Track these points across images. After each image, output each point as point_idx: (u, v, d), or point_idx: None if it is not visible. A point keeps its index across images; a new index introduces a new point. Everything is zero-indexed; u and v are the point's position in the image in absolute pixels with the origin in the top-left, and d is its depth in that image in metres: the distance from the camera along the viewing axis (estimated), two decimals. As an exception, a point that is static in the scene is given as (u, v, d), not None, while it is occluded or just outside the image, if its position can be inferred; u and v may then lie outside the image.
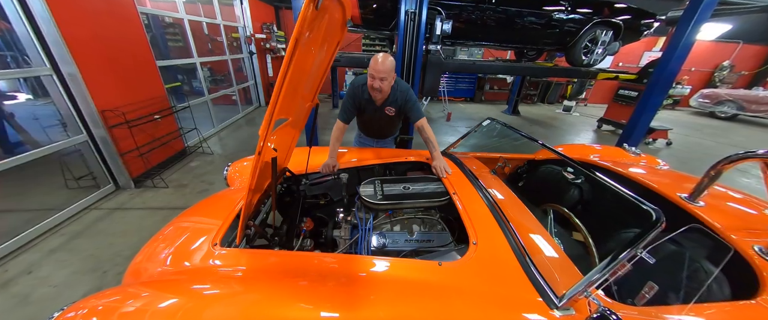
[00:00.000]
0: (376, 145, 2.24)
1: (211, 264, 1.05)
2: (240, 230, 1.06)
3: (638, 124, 3.87)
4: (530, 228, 1.20)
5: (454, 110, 7.29)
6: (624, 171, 1.81)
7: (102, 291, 1.01)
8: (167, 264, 1.12)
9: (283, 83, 0.70)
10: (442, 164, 1.60)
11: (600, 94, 9.05)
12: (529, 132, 6.23)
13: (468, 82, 8.70)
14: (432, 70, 2.76)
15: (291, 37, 0.63)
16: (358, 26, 3.97)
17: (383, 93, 1.69)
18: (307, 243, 1.53)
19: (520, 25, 3.79)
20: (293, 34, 0.63)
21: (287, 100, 1.27)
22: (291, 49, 0.64)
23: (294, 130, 1.53)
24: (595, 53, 4.09)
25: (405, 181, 1.54)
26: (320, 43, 1.22)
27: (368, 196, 1.40)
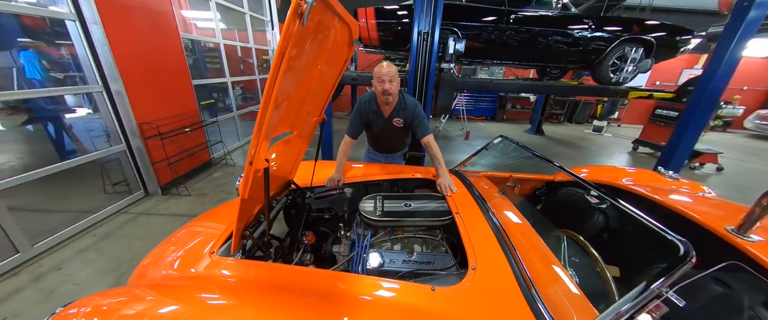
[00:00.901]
0: (384, 161, 2.23)
1: (208, 272, 1.07)
2: (234, 240, 1.07)
3: (679, 147, 3.52)
4: (540, 256, 1.09)
5: (473, 129, 7.15)
6: (661, 199, 1.63)
7: (107, 290, 1.05)
8: (169, 269, 1.15)
9: (270, 98, 0.72)
10: (448, 182, 1.54)
11: (635, 114, 8.45)
12: (554, 152, 5.95)
13: (489, 101, 8.57)
14: (445, 88, 2.75)
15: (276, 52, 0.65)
16: (376, 47, 4.13)
17: (393, 95, 1.70)
18: (306, 257, 1.51)
19: (542, 44, 3.72)
20: (277, 50, 0.65)
21: (291, 114, 1.33)
22: (275, 64, 0.66)
23: (300, 143, 1.57)
24: (625, 71, 3.87)
25: (407, 198, 1.50)
26: (325, 60, 1.27)
27: (367, 212, 1.37)
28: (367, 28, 3.66)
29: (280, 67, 0.67)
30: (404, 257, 1.25)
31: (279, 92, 0.89)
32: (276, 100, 0.75)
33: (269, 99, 0.72)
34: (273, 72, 0.67)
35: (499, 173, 2.04)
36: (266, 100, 0.72)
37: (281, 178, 1.56)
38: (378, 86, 1.68)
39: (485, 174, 1.97)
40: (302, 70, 1.09)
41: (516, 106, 8.74)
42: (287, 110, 1.24)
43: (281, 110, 1.15)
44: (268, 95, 0.71)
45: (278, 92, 0.77)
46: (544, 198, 2.12)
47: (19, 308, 1.73)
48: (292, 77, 0.95)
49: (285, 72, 0.83)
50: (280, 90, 0.94)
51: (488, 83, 3.96)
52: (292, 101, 1.23)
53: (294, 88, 1.12)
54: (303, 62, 0.98)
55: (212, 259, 1.11)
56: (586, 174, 2.06)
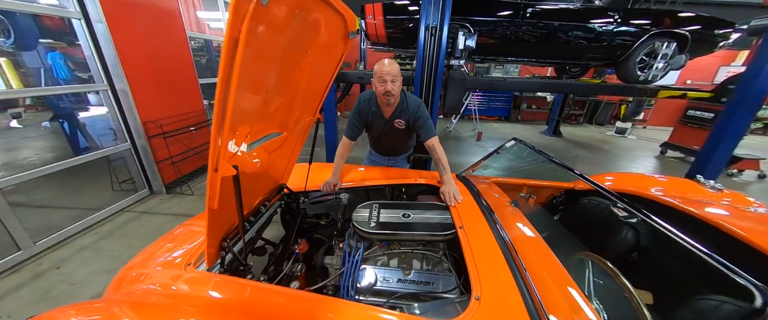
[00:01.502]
0: (387, 164, 2.10)
1: (186, 288, 0.97)
2: (207, 254, 0.97)
3: (716, 152, 3.17)
4: (558, 282, 0.92)
5: (486, 130, 6.88)
6: (698, 212, 1.41)
7: (81, 304, 0.97)
8: (149, 281, 1.06)
9: (227, 92, 0.60)
10: (453, 190, 1.38)
11: (663, 115, 7.89)
12: (572, 156, 5.64)
13: (503, 101, 8.25)
14: (454, 86, 2.58)
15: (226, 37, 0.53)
16: (384, 45, 3.99)
17: (395, 96, 1.57)
18: (297, 267, 1.40)
19: (561, 39, 3.46)
20: (226, 33, 0.53)
21: (278, 113, 1.21)
22: (227, 51, 0.54)
23: (293, 145, 1.46)
24: (655, 68, 3.54)
25: (406, 207, 1.35)
26: (316, 54, 1.15)
27: (360, 222, 1.24)
28: (374, 25, 3.54)
29: (234, 54, 0.55)
30: (400, 275, 1.11)
31: (251, 86, 0.78)
32: (237, 93, 0.62)
33: (226, 93, 0.60)
34: (225, 61, 0.55)
35: (511, 179, 1.85)
36: (222, 93, 0.60)
37: (272, 182, 1.46)
38: (379, 86, 1.54)
39: (496, 181, 1.79)
40: (284, 64, 0.97)
41: (532, 106, 8.37)
42: (274, 109, 1.13)
43: (266, 109, 1.04)
44: (224, 88, 0.59)
45: (244, 86, 0.65)
46: (563, 208, 1.92)
47: (15, 307, 1.71)
48: (270, 70, 0.83)
49: (255, 62, 0.71)
50: (255, 84, 0.82)
51: (502, 82, 3.73)
52: (278, 99, 1.11)
53: (278, 84, 1.01)
54: (281, 54, 0.86)
55: (188, 273, 1.02)
56: (611, 182, 1.84)
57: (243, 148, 1.00)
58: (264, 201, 1.42)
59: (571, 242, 1.71)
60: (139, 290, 1.01)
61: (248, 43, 0.57)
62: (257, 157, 1.14)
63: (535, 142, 6.09)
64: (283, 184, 1.56)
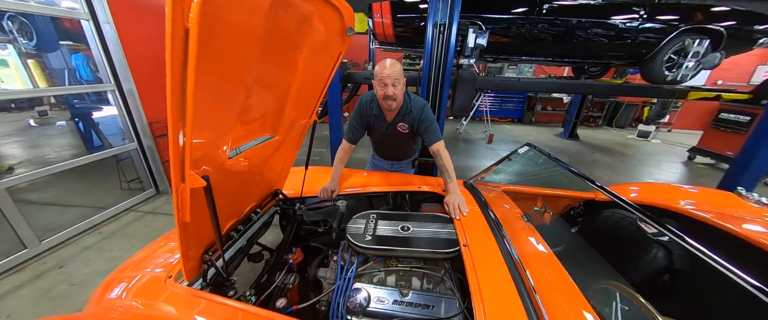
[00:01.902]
0: (390, 169, 1.99)
1: (155, 307, 0.89)
2: (185, 268, 0.89)
3: (755, 158, 2.89)
4: (573, 307, 0.79)
5: (498, 132, 6.65)
6: (739, 231, 1.23)
7: (61, 317, 0.92)
8: (131, 296, 1.00)
9: (183, 91, 0.51)
10: (458, 200, 1.26)
11: (691, 118, 7.41)
12: (590, 160, 5.35)
13: (516, 102, 7.97)
14: (464, 86, 2.45)
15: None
16: (392, 44, 3.89)
17: (397, 101, 1.46)
18: (290, 279, 1.31)
19: (580, 37, 3.25)
20: (168, 20, 0.44)
21: (268, 115, 1.13)
22: (175, 44, 0.45)
23: (287, 149, 1.38)
24: (684, 67, 3.27)
25: (407, 218, 1.24)
26: (310, 52, 1.06)
27: (354, 235, 1.14)
28: (382, 24, 3.44)
29: (186, 46, 0.46)
30: (397, 296, 1.00)
31: (223, 87, 0.70)
32: (198, 94, 0.54)
33: (182, 95, 0.51)
34: (175, 56, 0.46)
35: (524, 188, 1.71)
36: (176, 96, 0.51)
37: (265, 188, 1.38)
38: (379, 90, 1.44)
39: (507, 189, 1.65)
40: (270, 62, 0.88)
41: (547, 108, 8.05)
42: (261, 111, 1.05)
43: (250, 111, 0.96)
44: (177, 89, 0.50)
45: (211, 87, 0.57)
46: (582, 220, 1.75)
47: (15, 307, 1.72)
48: (246, 69, 0.74)
49: (223, 60, 0.63)
50: (229, 85, 0.74)
51: (515, 82, 3.55)
52: (266, 100, 1.03)
53: (263, 84, 0.92)
54: (263, 50, 0.77)
55: (167, 288, 0.95)
56: (637, 194, 1.66)
57: (230, 154, 0.93)
58: (256, 208, 1.34)
59: (591, 257, 1.55)
60: (115, 305, 0.95)
61: (207, 36, 0.48)
62: (246, 161, 1.06)
63: (550, 145, 5.83)
64: (278, 190, 1.48)
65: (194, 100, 0.55)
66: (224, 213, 1.10)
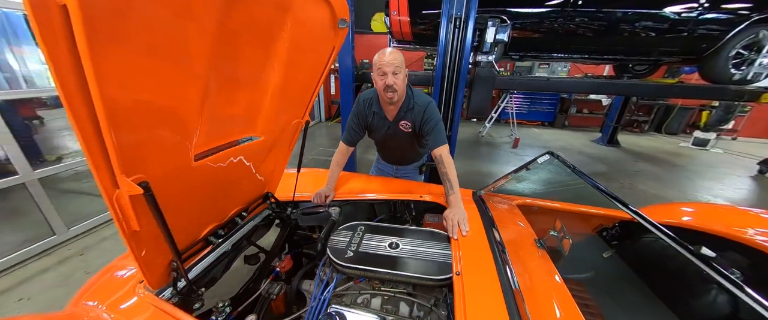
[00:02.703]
0: (395, 174, 1.85)
1: (118, 313, 0.85)
2: (147, 278, 0.83)
3: None
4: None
5: (525, 136, 6.20)
6: None
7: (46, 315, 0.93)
8: (97, 295, 0.97)
9: (83, 89, 0.42)
10: (459, 216, 1.08)
11: (761, 125, 6.35)
12: (633, 170, 4.79)
13: (547, 104, 7.38)
14: (480, 86, 2.23)
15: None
16: (410, 43, 3.75)
17: (399, 93, 1.32)
18: (275, 288, 1.23)
19: (625, 32, 2.85)
20: None
21: (250, 115, 1.05)
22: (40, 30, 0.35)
23: (277, 150, 1.30)
24: (758, 65, 2.75)
25: (398, 233, 1.10)
26: (296, 46, 0.97)
27: (335, 249, 1.01)
28: (399, 22, 3.31)
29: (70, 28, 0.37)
30: (378, 324, 0.87)
31: (167, 81, 0.61)
32: (105, 90, 0.45)
33: (77, 89, 0.43)
34: (49, 37, 0.37)
35: (543, 202, 1.48)
36: (69, 91, 0.42)
37: (253, 190, 1.31)
38: (379, 81, 1.31)
39: (522, 203, 1.44)
40: (239, 57, 0.79)
41: (582, 111, 7.37)
42: (238, 110, 0.97)
43: (220, 108, 0.88)
44: (69, 82, 0.41)
45: (138, 80, 0.48)
46: (617, 243, 1.48)
47: (36, 291, 1.83)
48: (198, 63, 0.65)
49: (155, 50, 0.54)
50: (179, 79, 0.65)
51: (543, 82, 3.22)
52: (240, 97, 0.94)
53: (231, 80, 0.84)
54: (224, 43, 0.68)
55: (134, 295, 0.90)
56: (691, 218, 1.36)
57: (198, 155, 0.86)
58: (241, 211, 1.28)
59: (627, 287, 1.30)
60: (87, 308, 0.92)
61: (106, 16, 0.39)
62: (223, 163, 0.99)
63: (585, 151, 5.30)
64: (269, 193, 1.41)
65: (106, 97, 0.46)
66: (200, 217, 1.04)
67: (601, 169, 4.40)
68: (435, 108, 1.39)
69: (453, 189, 1.21)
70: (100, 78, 0.45)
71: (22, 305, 1.73)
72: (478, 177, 3.90)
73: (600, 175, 4.10)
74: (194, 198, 0.93)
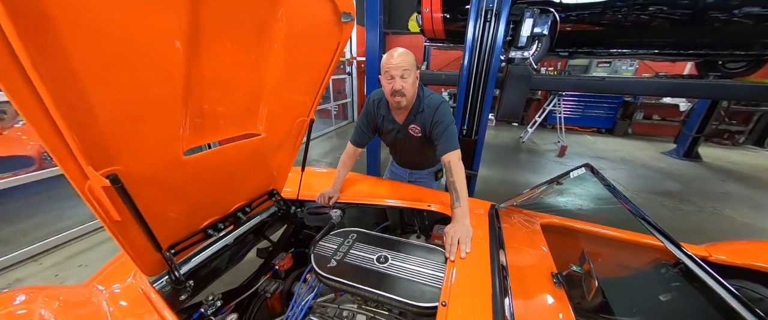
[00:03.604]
0: (408, 178, 1.73)
1: (112, 297, 0.90)
2: (140, 264, 0.86)
3: None
4: None
5: (575, 144, 5.50)
6: None
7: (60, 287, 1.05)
8: (105, 278, 1.05)
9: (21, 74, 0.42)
10: (462, 233, 0.93)
11: None
12: (718, 191, 3.99)
13: (605, 108, 6.44)
14: (513, 85, 1.97)
15: None
16: (443, 41, 3.57)
17: (407, 97, 1.21)
18: (272, 286, 1.23)
19: (716, 21, 2.29)
20: None
21: (240, 112, 1.04)
22: None
23: (281, 147, 1.29)
24: None
25: (395, 247, 0.99)
26: (294, 42, 0.94)
27: (320, 256, 0.95)
28: (431, 18, 3.16)
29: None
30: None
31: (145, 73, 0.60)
32: (48, 75, 0.44)
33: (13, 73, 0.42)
34: None
35: (577, 223, 1.23)
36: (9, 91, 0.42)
37: (256, 187, 1.32)
38: (386, 84, 1.21)
39: (548, 222, 1.21)
40: (219, 49, 0.77)
41: (652, 117, 6.27)
42: (231, 105, 0.96)
43: (209, 103, 0.88)
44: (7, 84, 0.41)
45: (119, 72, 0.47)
46: (679, 286, 1.17)
47: (93, 259, 2.12)
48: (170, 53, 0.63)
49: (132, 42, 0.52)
50: (148, 68, 0.64)
51: (598, 82, 2.74)
52: (232, 93, 0.93)
53: (218, 74, 0.82)
54: (193, 31, 0.66)
55: (129, 280, 0.95)
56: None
57: (188, 150, 0.87)
58: (244, 207, 1.29)
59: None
60: (92, 286, 1.00)
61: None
62: (219, 158, 1.00)
63: (652, 165, 4.49)
64: (274, 190, 1.42)
65: (55, 93, 0.45)
66: (197, 209, 1.06)
67: (671, 188, 3.67)
68: (447, 109, 1.25)
69: (460, 200, 1.06)
70: (44, 74, 0.44)
71: (81, 271, 2.02)
72: (513, 188, 3.54)
73: (669, 195, 3.41)
74: (188, 191, 0.94)
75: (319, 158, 4.60)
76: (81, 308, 0.89)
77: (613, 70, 5.79)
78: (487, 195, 3.37)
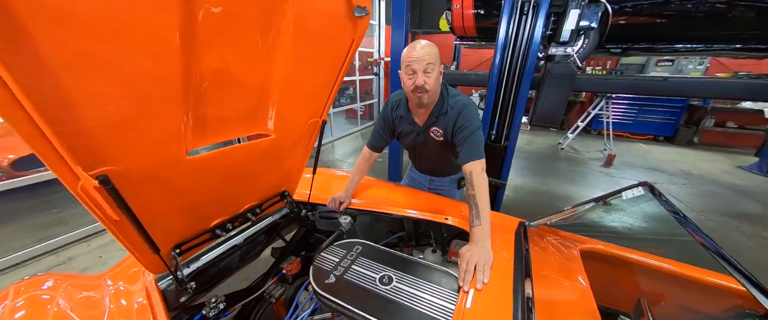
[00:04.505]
0: (429, 186, 1.61)
1: (116, 291, 0.92)
2: (145, 263, 0.86)
3: None
4: None
5: (625, 152, 4.89)
6: None
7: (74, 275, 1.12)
8: (117, 272, 1.09)
9: None
10: (479, 258, 0.79)
11: None
12: None
13: (665, 113, 5.62)
14: (553, 85, 1.73)
15: None
16: (474, 39, 3.37)
17: (431, 93, 1.09)
18: (277, 292, 1.20)
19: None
20: None
21: (259, 112, 1.01)
22: None
23: (293, 149, 1.25)
24: None
25: (403, 265, 0.88)
26: (309, 41, 0.89)
27: (319, 269, 0.88)
28: (461, 15, 2.99)
29: None
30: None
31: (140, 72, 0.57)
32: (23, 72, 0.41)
33: None
34: None
35: (631, 253, 1.01)
36: None
37: (267, 188, 1.30)
38: (406, 80, 1.09)
39: (592, 249, 1.01)
40: (219, 45, 0.73)
41: (726, 124, 5.35)
42: (245, 106, 0.94)
43: (213, 103, 0.85)
44: None
45: None
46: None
47: (111, 255, 2.28)
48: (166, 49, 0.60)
49: None
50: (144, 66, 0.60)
51: (659, 83, 2.35)
52: (248, 94, 0.90)
53: (222, 72, 0.79)
54: (189, 28, 0.62)
55: (140, 274, 0.97)
56: None
57: (193, 150, 0.85)
58: (254, 208, 1.28)
59: None
60: (104, 278, 1.04)
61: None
62: (227, 159, 0.98)
63: (723, 181, 3.81)
64: (286, 191, 1.39)
65: (31, 81, 0.43)
66: (203, 209, 1.05)
67: (751, 210, 3.06)
68: (473, 112, 1.11)
69: (480, 218, 0.92)
70: (17, 73, 0.42)
71: (121, 254, 2.20)
72: (547, 200, 3.20)
73: (747, 219, 2.84)
74: (193, 191, 0.93)
75: (342, 158, 4.63)
76: (91, 303, 0.92)
77: (677, 70, 5.04)
78: (517, 206, 3.07)
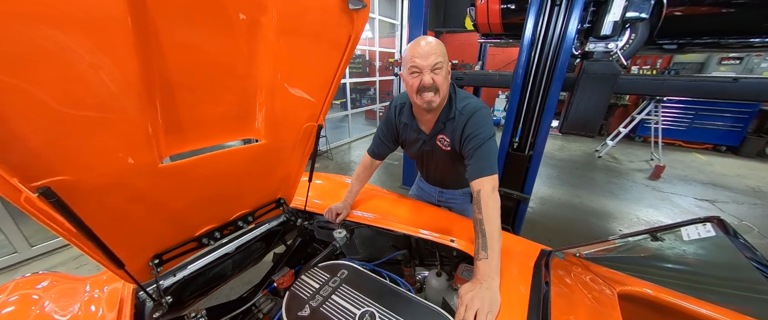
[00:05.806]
0: (437, 198, 1.45)
1: (90, 299, 0.89)
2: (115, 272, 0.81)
3: None
4: None
5: (677, 163, 4.28)
6: None
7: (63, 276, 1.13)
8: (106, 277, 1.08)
9: None
10: (481, 303, 0.63)
11: None
12: None
13: (729, 119, 4.84)
14: (591, 87, 1.46)
15: None
16: (499, 36, 3.13)
17: (441, 94, 0.94)
18: (266, 306, 1.12)
19: None
20: None
21: (246, 117, 0.94)
22: None
23: (288, 155, 1.17)
24: None
25: (391, 300, 0.75)
26: (299, 39, 0.80)
27: (294, 296, 0.77)
28: (486, 11, 2.78)
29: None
30: None
31: None
32: None
33: None
34: None
35: (676, 297, 0.78)
36: None
37: (260, 195, 1.22)
38: (410, 79, 0.94)
39: (635, 292, 0.80)
40: (201, 42, 0.65)
41: (811, 133, 4.50)
42: (227, 109, 0.86)
43: (205, 109, 0.78)
44: None
45: None
46: None
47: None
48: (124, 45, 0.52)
49: None
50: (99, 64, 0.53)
51: (728, 85, 1.95)
52: (230, 95, 0.82)
53: (208, 76, 0.72)
54: (148, 20, 0.54)
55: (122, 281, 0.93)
56: None
57: (168, 158, 0.79)
58: (246, 215, 1.21)
59: None
60: None
61: None
62: (209, 166, 0.91)
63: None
64: (281, 199, 1.31)
65: None
66: (185, 218, 1.00)
67: None
68: (485, 118, 0.94)
69: (487, 249, 0.75)
70: None
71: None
72: (579, 215, 2.85)
73: None
74: (171, 200, 0.87)
75: (359, 160, 4.55)
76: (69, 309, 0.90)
77: (747, 69, 4.33)
78: (542, 220, 2.73)
